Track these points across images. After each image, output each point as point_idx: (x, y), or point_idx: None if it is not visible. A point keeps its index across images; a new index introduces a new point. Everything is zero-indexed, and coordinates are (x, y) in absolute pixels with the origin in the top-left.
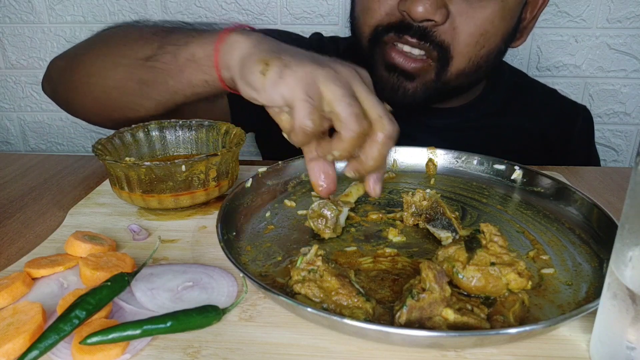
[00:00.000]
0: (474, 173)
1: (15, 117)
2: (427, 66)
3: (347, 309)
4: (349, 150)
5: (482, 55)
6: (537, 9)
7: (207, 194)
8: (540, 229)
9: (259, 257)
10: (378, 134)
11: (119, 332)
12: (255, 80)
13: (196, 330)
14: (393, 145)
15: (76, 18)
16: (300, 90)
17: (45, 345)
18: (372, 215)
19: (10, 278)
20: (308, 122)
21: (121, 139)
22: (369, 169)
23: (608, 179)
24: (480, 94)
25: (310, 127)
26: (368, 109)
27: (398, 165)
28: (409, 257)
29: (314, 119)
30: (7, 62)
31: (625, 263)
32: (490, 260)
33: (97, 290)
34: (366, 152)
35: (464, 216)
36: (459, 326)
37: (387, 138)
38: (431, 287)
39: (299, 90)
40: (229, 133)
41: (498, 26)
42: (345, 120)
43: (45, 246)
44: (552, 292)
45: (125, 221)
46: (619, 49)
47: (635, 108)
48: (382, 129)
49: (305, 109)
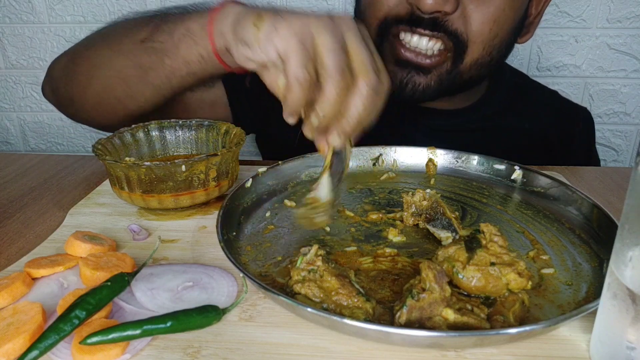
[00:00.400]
0: (474, 173)
1: (15, 117)
2: (444, 58)
3: (347, 309)
4: (333, 106)
5: (495, 45)
6: (541, 5)
7: (207, 194)
8: (540, 229)
9: (259, 257)
10: (360, 83)
11: (119, 332)
12: (248, 35)
13: (196, 330)
14: (380, 102)
15: (76, 18)
16: (294, 41)
17: (45, 345)
18: (372, 215)
19: (10, 278)
20: (303, 72)
21: (121, 139)
22: (353, 126)
23: (608, 179)
24: (482, 95)
25: (305, 77)
26: (354, 58)
27: (398, 165)
28: (409, 257)
29: (309, 69)
30: (7, 62)
31: (625, 263)
32: (490, 260)
33: (97, 290)
34: (349, 105)
35: (464, 216)
36: (459, 326)
37: (370, 89)
38: (431, 287)
39: (294, 40)
40: (229, 133)
41: (508, 14)
42: (330, 71)
43: (45, 246)
44: (552, 292)
45: (125, 221)
46: (619, 49)
47: (635, 108)
48: (364, 77)
49: (300, 58)
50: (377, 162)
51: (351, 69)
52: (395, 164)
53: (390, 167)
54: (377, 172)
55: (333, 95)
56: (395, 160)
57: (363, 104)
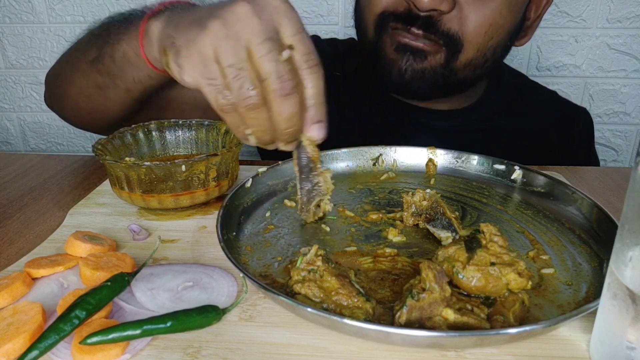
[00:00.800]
0: (474, 173)
1: (15, 117)
2: (437, 48)
3: (347, 309)
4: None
5: (490, 47)
6: (541, 9)
7: (207, 194)
8: (540, 229)
9: (259, 257)
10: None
11: (119, 332)
12: (169, 71)
13: (196, 330)
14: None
15: (76, 18)
16: (199, 76)
17: (45, 345)
18: (372, 215)
19: (10, 278)
20: (221, 101)
21: (121, 139)
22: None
23: (608, 179)
24: (482, 96)
25: (225, 104)
26: (283, 33)
27: (398, 165)
28: (409, 257)
29: (224, 96)
30: (7, 62)
31: (625, 263)
32: (490, 260)
33: (97, 290)
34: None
35: (464, 216)
36: (459, 326)
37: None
38: (431, 287)
39: (198, 75)
40: (229, 133)
41: (505, 18)
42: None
43: (45, 246)
44: (552, 292)
45: (125, 221)
46: (619, 49)
47: (635, 108)
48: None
49: (210, 92)
50: (377, 162)
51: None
52: (395, 164)
53: (390, 167)
54: (377, 172)
55: (285, 115)
56: (395, 160)
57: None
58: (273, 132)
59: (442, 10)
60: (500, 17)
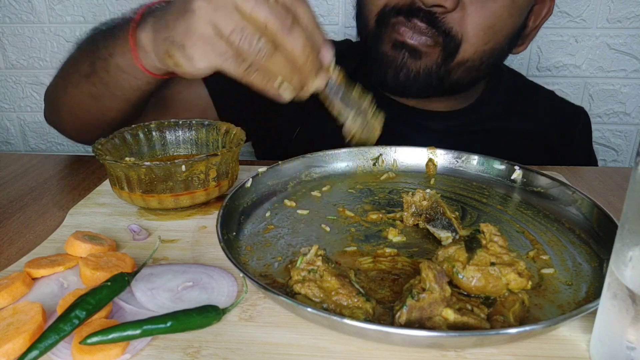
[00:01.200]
0: (474, 173)
1: (15, 117)
2: (434, 47)
3: (347, 309)
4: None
5: (487, 51)
6: (540, 19)
7: (207, 194)
8: (540, 229)
9: (259, 257)
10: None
11: (119, 332)
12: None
13: (196, 330)
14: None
15: (76, 18)
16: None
17: (45, 345)
18: (372, 215)
19: (10, 278)
20: (241, 67)
21: (121, 139)
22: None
23: (608, 179)
24: (480, 96)
25: (245, 67)
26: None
27: (398, 165)
28: (409, 257)
29: (241, 61)
30: (7, 62)
31: (625, 263)
32: (490, 260)
33: (97, 290)
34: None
35: (464, 216)
36: (459, 326)
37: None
38: (431, 287)
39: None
40: (229, 133)
41: (505, 22)
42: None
43: (45, 246)
44: (552, 292)
45: (125, 221)
46: (619, 49)
47: (635, 108)
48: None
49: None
50: (377, 162)
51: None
52: (395, 164)
53: (390, 167)
54: (377, 172)
55: (299, 47)
56: (395, 160)
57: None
58: (298, 71)
59: (446, 6)
60: (499, 20)
